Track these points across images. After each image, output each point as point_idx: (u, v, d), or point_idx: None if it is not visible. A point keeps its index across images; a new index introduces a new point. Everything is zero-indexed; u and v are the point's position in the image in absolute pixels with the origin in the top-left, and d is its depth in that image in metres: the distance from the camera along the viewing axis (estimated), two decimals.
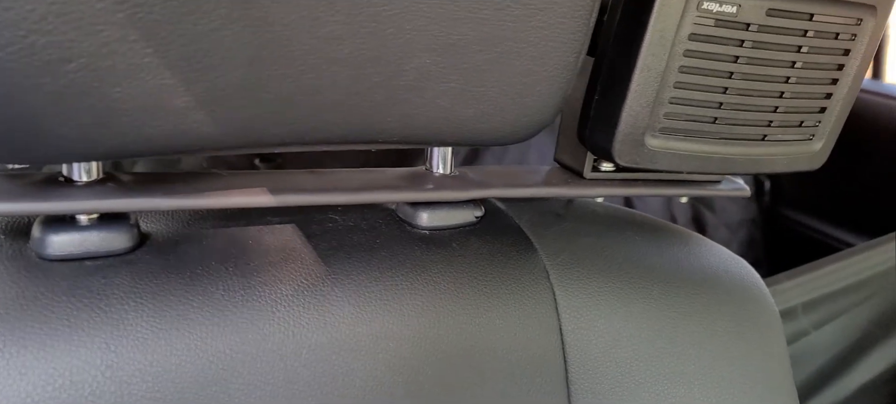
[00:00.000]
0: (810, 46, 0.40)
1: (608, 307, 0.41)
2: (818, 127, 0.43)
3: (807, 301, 0.79)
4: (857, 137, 1.46)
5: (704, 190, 0.48)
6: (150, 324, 0.30)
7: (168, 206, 0.32)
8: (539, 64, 0.34)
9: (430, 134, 0.35)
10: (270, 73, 0.28)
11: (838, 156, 1.63)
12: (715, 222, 1.64)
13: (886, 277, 0.81)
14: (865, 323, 0.83)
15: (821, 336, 0.81)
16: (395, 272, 0.36)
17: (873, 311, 0.83)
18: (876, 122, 1.42)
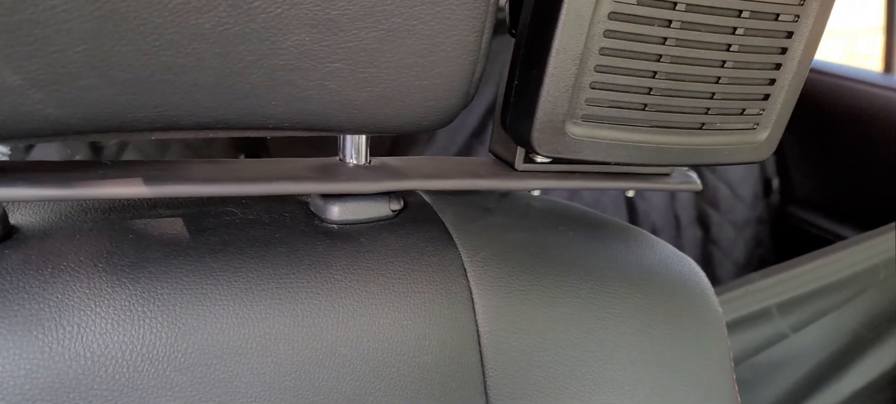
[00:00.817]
0: (747, 28, 0.37)
1: (531, 307, 0.38)
2: (762, 115, 0.40)
3: (782, 301, 0.75)
4: (871, 134, 1.40)
5: (651, 183, 0.45)
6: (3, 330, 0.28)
7: (32, 197, 0.31)
8: (434, 43, 0.31)
9: (324, 120, 0.33)
10: (121, 49, 0.26)
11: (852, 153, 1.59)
12: (719, 221, 1.59)
13: (869, 276, 0.77)
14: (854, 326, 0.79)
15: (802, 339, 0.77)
16: (292, 268, 0.34)
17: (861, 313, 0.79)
18: (890, 118, 1.37)
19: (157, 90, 0.28)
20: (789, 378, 0.80)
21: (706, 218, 1.59)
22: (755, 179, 1.61)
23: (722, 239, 1.59)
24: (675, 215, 1.58)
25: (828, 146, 1.53)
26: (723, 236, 1.59)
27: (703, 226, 1.60)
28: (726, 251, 1.60)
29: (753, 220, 1.61)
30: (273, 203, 0.39)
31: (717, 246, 1.60)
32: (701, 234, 1.60)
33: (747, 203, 1.60)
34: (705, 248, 1.60)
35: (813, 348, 0.79)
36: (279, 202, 0.39)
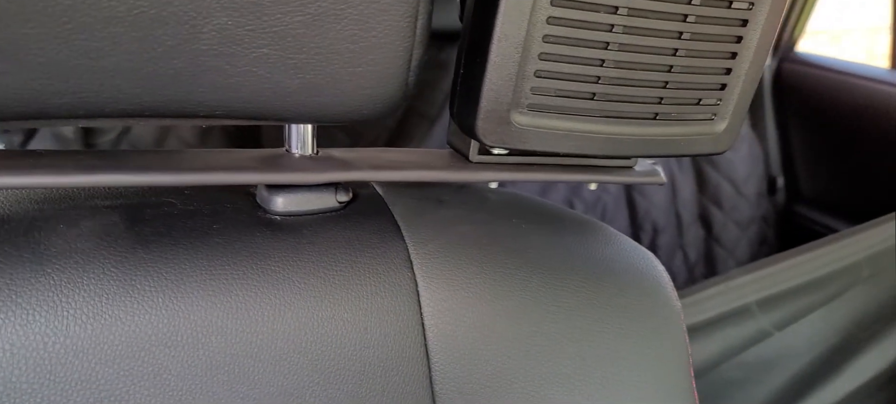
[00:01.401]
0: (698, 15, 0.36)
1: (478, 300, 0.38)
2: (720, 105, 0.39)
3: (762, 298, 0.73)
4: (879, 131, 1.38)
5: (613, 176, 0.44)
6: None
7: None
8: (364, 28, 0.31)
9: (257, 108, 0.32)
10: (30, 32, 0.26)
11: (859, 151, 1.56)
12: (723, 220, 1.57)
13: (852, 273, 0.75)
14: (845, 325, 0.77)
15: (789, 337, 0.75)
16: (227, 260, 0.34)
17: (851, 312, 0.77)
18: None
19: (73, 76, 0.28)
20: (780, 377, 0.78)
21: (709, 216, 1.57)
22: (759, 177, 1.59)
23: (725, 237, 1.57)
24: (676, 213, 1.56)
25: (834, 143, 1.51)
26: (726, 235, 1.57)
27: (705, 225, 1.58)
28: (730, 250, 1.58)
29: (758, 219, 1.58)
30: (217, 194, 0.38)
31: (721, 244, 1.58)
32: (703, 233, 1.58)
33: (751, 201, 1.58)
34: (708, 247, 1.58)
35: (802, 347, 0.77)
36: (224, 193, 0.39)
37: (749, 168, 1.57)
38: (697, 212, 1.57)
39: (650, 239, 1.55)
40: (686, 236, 1.56)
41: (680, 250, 1.57)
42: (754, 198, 1.57)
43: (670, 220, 1.55)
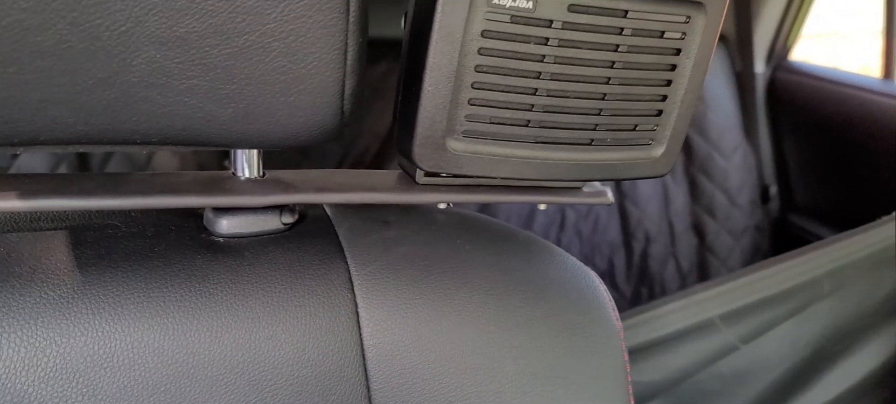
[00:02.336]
0: (630, 45, 0.36)
1: (417, 320, 0.38)
2: (657, 131, 0.40)
3: (724, 312, 0.74)
4: (871, 141, 1.37)
5: (561, 197, 0.45)
6: None
7: None
8: (292, 60, 0.32)
9: (193, 135, 0.34)
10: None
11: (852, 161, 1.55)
12: (716, 229, 1.57)
13: (813, 288, 0.75)
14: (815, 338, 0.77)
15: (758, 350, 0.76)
16: (165, 281, 0.35)
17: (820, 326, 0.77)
18: (889, 125, 1.34)
19: (4, 107, 0.29)
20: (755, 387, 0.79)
21: (702, 225, 1.57)
22: (753, 186, 1.58)
23: (718, 247, 1.57)
24: (669, 222, 1.56)
25: (828, 153, 1.50)
26: (719, 244, 1.57)
27: (698, 234, 1.58)
28: (723, 259, 1.58)
29: (751, 228, 1.58)
30: (163, 216, 0.39)
31: (714, 254, 1.58)
32: (696, 242, 1.58)
33: (745, 210, 1.58)
34: (701, 256, 1.58)
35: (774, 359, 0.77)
36: (171, 215, 0.40)
37: (742, 177, 1.57)
38: (690, 221, 1.57)
39: (642, 247, 1.55)
40: (679, 245, 1.57)
41: (673, 259, 1.57)
42: (748, 207, 1.57)
43: (663, 229, 1.55)
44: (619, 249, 1.54)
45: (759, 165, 1.60)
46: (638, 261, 1.55)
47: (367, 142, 1.37)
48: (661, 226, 1.54)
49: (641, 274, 1.56)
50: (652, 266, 1.55)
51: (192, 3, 0.29)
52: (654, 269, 1.56)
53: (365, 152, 1.36)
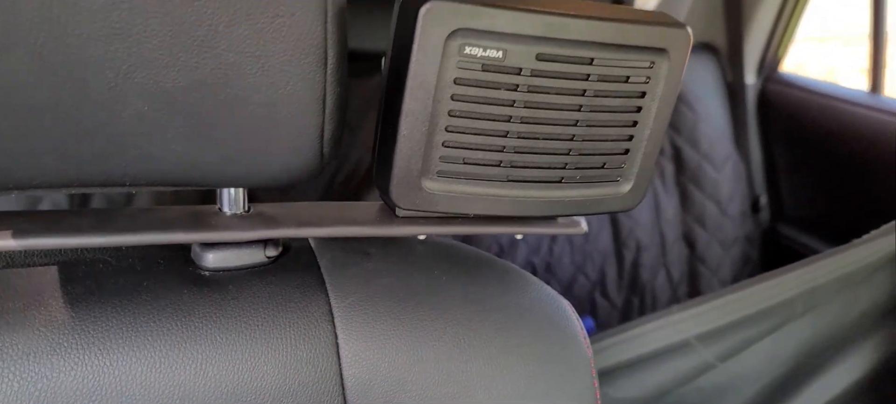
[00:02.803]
0: (597, 90, 0.38)
1: (394, 350, 0.40)
2: (624, 168, 0.42)
3: (701, 333, 0.76)
4: (858, 153, 1.39)
5: (536, 227, 0.46)
6: None
7: None
8: (273, 110, 0.34)
9: (180, 178, 0.35)
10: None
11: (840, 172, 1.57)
12: (707, 238, 1.59)
13: (787, 309, 0.78)
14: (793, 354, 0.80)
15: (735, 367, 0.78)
16: (153, 315, 0.37)
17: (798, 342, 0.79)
18: (875, 138, 1.36)
19: (1, 156, 0.31)
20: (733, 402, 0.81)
21: (693, 235, 1.59)
22: (743, 197, 1.60)
23: (709, 256, 1.59)
24: (660, 232, 1.58)
25: (817, 164, 1.52)
26: (710, 254, 1.59)
27: (689, 244, 1.59)
28: (713, 269, 1.60)
29: (741, 238, 1.60)
30: (151, 250, 0.41)
31: (704, 264, 1.60)
32: (687, 252, 1.60)
33: (735, 221, 1.59)
34: (692, 266, 1.60)
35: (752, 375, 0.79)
36: (159, 249, 0.41)
37: (732, 187, 1.59)
38: (681, 231, 1.59)
39: (633, 256, 1.57)
40: (669, 255, 1.58)
41: (663, 268, 1.59)
42: (738, 217, 1.59)
43: (654, 239, 1.57)
44: (611, 258, 1.56)
45: (749, 176, 1.62)
46: (629, 270, 1.57)
47: (360, 153, 1.39)
48: (653, 236, 1.56)
49: (632, 283, 1.58)
50: (643, 275, 1.57)
51: (177, 60, 0.31)
52: (645, 278, 1.57)
53: (359, 163, 1.38)
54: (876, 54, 1.38)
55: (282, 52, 0.32)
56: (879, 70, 1.38)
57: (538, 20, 0.36)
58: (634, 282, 1.56)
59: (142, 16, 0.29)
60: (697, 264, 1.59)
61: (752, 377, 0.79)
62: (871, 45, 1.40)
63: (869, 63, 1.41)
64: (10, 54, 0.28)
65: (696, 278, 1.59)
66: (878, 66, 1.38)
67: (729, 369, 0.77)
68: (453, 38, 0.35)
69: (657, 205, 1.58)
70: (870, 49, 1.40)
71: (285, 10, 0.31)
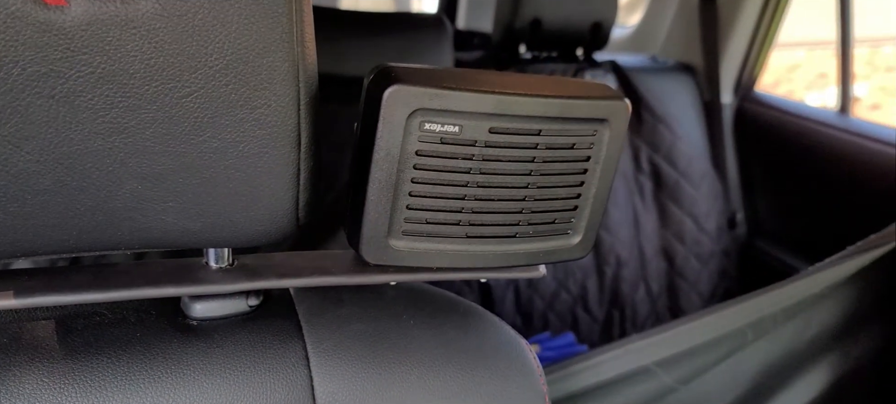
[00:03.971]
0: (545, 157, 0.43)
1: (364, 392, 0.44)
2: (573, 222, 0.46)
3: (659, 359, 0.81)
4: (829, 172, 1.44)
5: (496, 272, 0.51)
6: None
7: None
8: (252, 186, 0.38)
9: (169, 243, 0.40)
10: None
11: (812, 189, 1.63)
12: (685, 253, 1.64)
13: (737, 338, 0.83)
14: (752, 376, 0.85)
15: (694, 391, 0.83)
16: (145, 365, 0.41)
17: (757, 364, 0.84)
18: (844, 158, 1.41)
19: (9, 232, 0.35)
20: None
21: (671, 250, 1.64)
22: (720, 213, 1.65)
23: (687, 271, 1.64)
24: (639, 247, 1.63)
25: (790, 181, 1.57)
26: (688, 269, 1.64)
27: (668, 259, 1.64)
28: (692, 283, 1.64)
29: (719, 253, 1.65)
30: (144, 303, 0.45)
31: (683, 278, 1.64)
32: (665, 266, 1.64)
33: (712, 236, 1.64)
34: (671, 280, 1.65)
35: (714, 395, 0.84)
36: (151, 301, 0.45)
37: (709, 204, 1.64)
38: (660, 246, 1.64)
39: (614, 271, 1.61)
40: (649, 269, 1.63)
41: (643, 283, 1.63)
42: (715, 232, 1.64)
43: (633, 254, 1.62)
44: (592, 274, 1.60)
45: (726, 193, 1.67)
46: (610, 284, 1.62)
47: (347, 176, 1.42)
48: (632, 251, 1.61)
49: (613, 297, 1.62)
50: (623, 289, 1.62)
51: (167, 147, 0.35)
52: (626, 293, 1.62)
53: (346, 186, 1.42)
54: (844, 79, 1.43)
55: (260, 138, 0.36)
56: (847, 93, 1.43)
57: (490, 99, 0.40)
58: (615, 296, 1.61)
59: (137, 113, 0.34)
60: (676, 278, 1.64)
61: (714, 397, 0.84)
62: (839, 70, 1.45)
63: (838, 87, 1.47)
64: (21, 149, 0.33)
65: (676, 292, 1.64)
66: (846, 89, 1.43)
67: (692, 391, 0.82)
68: (414, 116, 0.39)
69: (636, 221, 1.63)
70: (838, 74, 1.45)
71: (263, 102, 0.36)
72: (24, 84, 0.32)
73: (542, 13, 1.53)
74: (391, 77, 0.39)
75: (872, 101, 5.95)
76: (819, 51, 6.15)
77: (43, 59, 0.31)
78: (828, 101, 5.91)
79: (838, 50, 1.43)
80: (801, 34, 4.34)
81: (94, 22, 0.31)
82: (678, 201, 1.63)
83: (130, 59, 0.33)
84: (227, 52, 0.34)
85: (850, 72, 1.42)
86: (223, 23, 0.34)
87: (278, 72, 0.36)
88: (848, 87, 1.43)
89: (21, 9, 0.30)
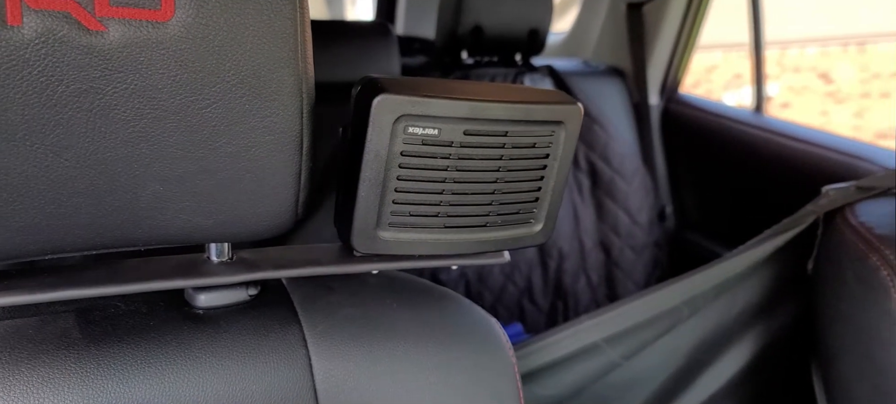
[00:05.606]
0: (511, 155, 0.49)
1: (357, 367, 0.50)
2: (535, 212, 0.53)
3: (607, 336, 0.90)
4: (745, 166, 1.58)
5: (465, 259, 0.57)
6: None
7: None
8: (260, 186, 0.43)
9: (183, 238, 0.44)
10: (16, 207, 0.37)
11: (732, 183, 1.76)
12: (620, 245, 1.74)
13: (675, 314, 0.93)
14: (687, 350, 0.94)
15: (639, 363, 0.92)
16: (161, 350, 0.45)
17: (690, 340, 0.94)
18: (759, 153, 1.54)
19: (43, 232, 0.39)
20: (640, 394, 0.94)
21: (608, 242, 1.75)
22: (651, 207, 1.77)
23: (623, 261, 1.75)
24: (580, 240, 1.73)
25: (712, 176, 1.71)
26: (624, 259, 1.75)
27: (605, 250, 1.75)
28: (627, 273, 1.76)
29: (651, 244, 1.77)
30: (153, 295, 0.49)
31: (619, 268, 1.75)
32: (604, 257, 1.75)
33: (645, 228, 1.76)
34: (608, 270, 1.76)
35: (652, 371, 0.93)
36: (159, 293, 0.50)
37: (642, 198, 1.75)
38: (598, 239, 1.74)
39: (556, 264, 1.71)
40: (588, 261, 1.73)
41: (583, 273, 1.73)
42: (647, 225, 1.76)
43: (574, 247, 1.72)
44: (536, 267, 1.69)
45: (656, 188, 1.79)
46: (553, 276, 1.71)
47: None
48: (573, 245, 1.71)
49: (557, 288, 1.72)
50: (566, 281, 1.71)
51: (187, 153, 0.40)
52: (568, 283, 1.72)
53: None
54: (758, 80, 1.57)
55: (269, 143, 0.41)
56: (761, 93, 1.57)
57: (464, 105, 0.46)
58: (558, 287, 1.70)
59: (162, 123, 0.38)
60: (613, 268, 1.75)
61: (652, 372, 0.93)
62: (753, 73, 1.59)
63: (752, 88, 1.60)
64: (62, 156, 0.37)
65: (613, 281, 1.75)
66: (760, 90, 1.57)
67: (632, 366, 0.91)
68: (399, 121, 0.45)
69: (576, 216, 1.73)
70: (752, 76, 1.59)
71: (272, 112, 0.41)
72: (68, 100, 0.36)
73: (483, 20, 1.60)
74: (378, 87, 0.45)
75: (783, 99, 6.35)
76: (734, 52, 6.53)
77: (84, 78, 0.36)
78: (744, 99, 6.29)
79: (752, 53, 1.57)
80: (718, 36, 4.62)
81: (129, 44, 0.36)
82: (613, 196, 1.74)
83: (159, 76, 0.37)
84: (242, 68, 0.39)
85: (763, 73, 1.56)
86: (239, 42, 0.38)
87: (286, 85, 0.41)
88: (762, 87, 1.57)
89: (68, 34, 0.34)
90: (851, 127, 5.88)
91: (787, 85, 6.31)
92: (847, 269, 0.78)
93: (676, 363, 0.94)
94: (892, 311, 0.71)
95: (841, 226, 0.82)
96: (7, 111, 0.35)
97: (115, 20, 0.35)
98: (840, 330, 0.79)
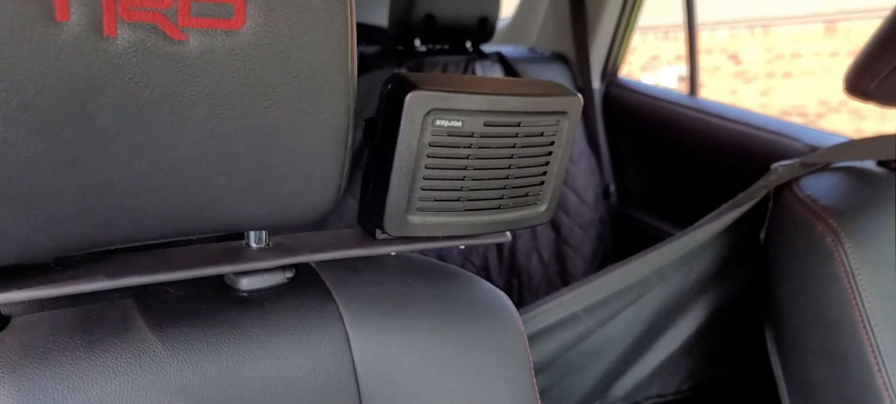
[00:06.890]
0: (522, 143, 0.55)
1: (388, 340, 0.54)
2: (541, 194, 0.59)
3: (586, 306, 0.98)
4: (682, 146, 1.69)
5: (472, 240, 0.63)
6: (13, 399, 0.40)
7: (23, 297, 0.43)
8: (310, 177, 0.47)
9: (235, 227, 0.47)
10: (97, 203, 0.40)
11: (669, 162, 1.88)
12: (569, 223, 1.84)
13: (647, 283, 1.02)
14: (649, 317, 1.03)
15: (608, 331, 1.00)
16: (215, 331, 0.48)
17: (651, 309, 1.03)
18: (693, 133, 1.66)
19: (119, 225, 0.42)
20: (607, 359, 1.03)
21: (558, 221, 1.84)
22: (596, 186, 1.87)
23: (572, 238, 1.85)
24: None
25: (651, 155, 1.82)
26: (572, 236, 1.85)
27: (555, 229, 1.84)
28: (576, 249, 1.85)
29: (596, 221, 1.87)
30: (199, 280, 0.52)
31: (569, 245, 1.85)
32: (554, 235, 1.84)
33: (591, 206, 1.86)
34: (559, 247, 1.85)
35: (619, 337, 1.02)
36: (204, 279, 0.53)
37: (587, 179, 1.85)
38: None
39: (510, 244, 1.78)
40: (539, 239, 1.82)
41: (536, 252, 1.82)
42: (593, 203, 1.86)
43: None
44: (492, 248, 1.76)
45: (600, 168, 1.89)
46: (507, 256, 1.79)
47: None
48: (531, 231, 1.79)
49: (511, 267, 1.79)
50: (519, 259, 1.79)
51: (252, 150, 0.43)
52: (521, 262, 1.80)
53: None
54: (692, 66, 1.68)
55: (321, 139, 0.45)
56: (695, 78, 1.68)
57: (485, 99, 0.51)
58: (513, 266, 1.78)
59: (230, 122, 0.42)
60: (563, 245, 1.84)
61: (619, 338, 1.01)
62: (687, 56, 1.70)
63: (687, 71, 1.72)
64: (143, 155, 0.40)
65: (563, 257, 1.84)
66: (694, 74, 1.69)
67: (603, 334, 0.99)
68: (429, 115, 0.50)
69: None
70: (687, 62, 1.71)
71: (326, 110, 0.45)
72: (151, 103, 0.39)
73: (434, 9, 1.65)
74: (410, 84, 0.49)
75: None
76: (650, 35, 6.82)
77: (166, 83, 0.39)
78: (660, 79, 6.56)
79: (686, 39, 1.68)
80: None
81: (206, 51, 0.39)
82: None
83: (230, 80, 0.40)
84: (302, 71, 0.43)
85: (697, 60, 1.67)
86: (300, 48, 0.42)
87: (339, 85, 0.45)
88: (696, 72, 1.68)
89: (154, 43, 0.37)
90: (759, 104, 6.26)
91: (700, 65, 6.65)
92: (796, 237, 0.88)
93: (641, 328, 1.02)
94: (836, 273, 0.82)
95: (789, 198, 0.92)
96: (101, 115, 0.37)
97: (194, 30, 0.38)
98: (790, 292, 0.89)
